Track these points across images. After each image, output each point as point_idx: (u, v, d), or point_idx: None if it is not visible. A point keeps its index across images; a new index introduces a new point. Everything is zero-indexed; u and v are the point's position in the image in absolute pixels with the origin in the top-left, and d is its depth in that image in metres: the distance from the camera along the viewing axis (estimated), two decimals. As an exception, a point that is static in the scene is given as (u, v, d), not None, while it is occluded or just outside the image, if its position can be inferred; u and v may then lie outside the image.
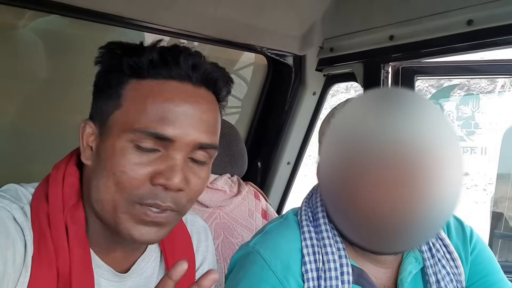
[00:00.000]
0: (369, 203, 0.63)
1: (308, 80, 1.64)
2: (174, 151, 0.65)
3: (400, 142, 0.59)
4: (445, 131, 0.60)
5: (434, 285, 0.84)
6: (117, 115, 0.67)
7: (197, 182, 0.69)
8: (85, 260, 0.67)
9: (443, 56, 1.31)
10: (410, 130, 0.59)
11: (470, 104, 7.79)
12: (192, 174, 0.68)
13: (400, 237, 0.63)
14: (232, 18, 1.35)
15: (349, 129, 0.64)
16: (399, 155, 0.59)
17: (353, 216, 0.69)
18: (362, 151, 0.61)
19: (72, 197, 0.69)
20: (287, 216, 0.92)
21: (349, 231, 0.77)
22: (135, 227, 0.66)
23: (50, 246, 0.64)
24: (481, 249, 0.93)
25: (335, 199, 0.72)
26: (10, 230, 0.62)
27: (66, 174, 0.70)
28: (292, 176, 1.83)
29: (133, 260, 0.76)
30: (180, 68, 0.67)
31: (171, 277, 0.56)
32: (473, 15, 1.12)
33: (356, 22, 1.42)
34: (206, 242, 0.90)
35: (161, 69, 0.67)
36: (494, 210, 2.93)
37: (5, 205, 0.65)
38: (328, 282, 0.78)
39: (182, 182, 0.65)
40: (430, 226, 0.62)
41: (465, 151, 7.62)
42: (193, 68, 0.68)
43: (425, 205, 0.58)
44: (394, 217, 0.62)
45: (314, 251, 0.82)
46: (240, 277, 0.82)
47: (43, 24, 1.29)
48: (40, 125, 1.37)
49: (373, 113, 0.63)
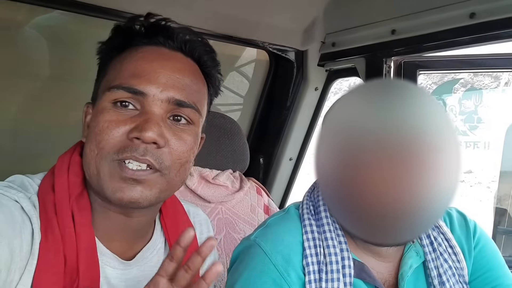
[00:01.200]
0: (367, 194, 0.63)
1: (310, 75, 1.64)
2: (149, 106, 0.67)
3: (395, 132, 0.59)
4: (441, 121, 0.60)
5: (436, 279, 0.84)
6: (102, 83, 0.72)
7: (178, 142, 0.69)
8: (91, 247, 0.67)
9: (446, 50, 1.30)
10: (406, 120, 0.59)
11: (473, 98, 7.75)
12: (172, 133, 0.69)
13: (399, 228, 0.63)
14: (234, 13, 1.35)
15: (344, 120, 0.64)
16: (394, 144, 0.59)
17: (352, 208, 0.69)
18: (357, 141, 0.61)
19: (77, 186, 0.70)
20: (289, 209, 0.92)
21: (349, 224, 0.77)
22: (118, 186, 0.66)
23: (57, 234, 0.65)
24: (485, 244, 0.92)
25: (333, 193, 0.72)
26: (17, 219, 0.62)
27: (71, 163, 0.72)
28: (294, 172, 1.83)
29: (138, 249, 0.77)
30: (156, 35, 0.72)
31: (179, 244, 0.58)
32: (476, 8, 1.11)
33: (358, 17, 1.42)
34: (208, 234, 0.91)
35: (139, 37, 0.73)
36: (498, 206, 2.92)
37: (13, 195, 0.65)
38: (330, 275, 0.78)
39: (158, 136, 0.66)
40: (428, 215, 0.62)
41: (468, 145, 7.59)
42: (169, 35, 0.73)
43: (423, 194, 0.58)
44: (392, 207, 0.62)
45: (315, 244, 0.82)
46: (242, 270, 0.82)
47: (43, 20, 1.29)
48: (44, 121, 1.38)
49: (368, 103, 0.63)
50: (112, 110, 0.67)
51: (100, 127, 0.66)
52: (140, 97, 0.67)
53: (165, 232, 0.82)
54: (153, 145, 0.66)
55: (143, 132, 0.64)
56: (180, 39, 0.74)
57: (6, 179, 0.71)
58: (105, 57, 0.75)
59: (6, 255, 0.58)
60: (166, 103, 0.68)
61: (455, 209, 0.98)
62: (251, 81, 1.81)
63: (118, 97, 0.67)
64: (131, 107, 0.68)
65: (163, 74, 0.69)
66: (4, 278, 0.58)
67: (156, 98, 0.67)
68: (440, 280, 0.84)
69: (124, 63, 0.71)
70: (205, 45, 0.78)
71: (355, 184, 0.64)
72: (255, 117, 1.81)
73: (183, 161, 0.71)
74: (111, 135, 0.66)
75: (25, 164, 1.32)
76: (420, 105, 0.61)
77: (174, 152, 0.69)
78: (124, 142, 0.66)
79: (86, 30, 1.32)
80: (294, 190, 1.86)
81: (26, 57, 1.30)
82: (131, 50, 0.72)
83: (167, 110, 0.69)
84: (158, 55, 0.72)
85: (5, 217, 0.61)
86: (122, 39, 0.74)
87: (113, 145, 0.66)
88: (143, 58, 0.70)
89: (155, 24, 0.74)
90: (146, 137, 0.64)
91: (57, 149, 0.78)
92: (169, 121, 0.70)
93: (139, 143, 0.65)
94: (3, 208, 0.62)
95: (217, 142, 1.41)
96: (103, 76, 0.74)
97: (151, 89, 0.67)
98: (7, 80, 1.26)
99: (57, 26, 1.32)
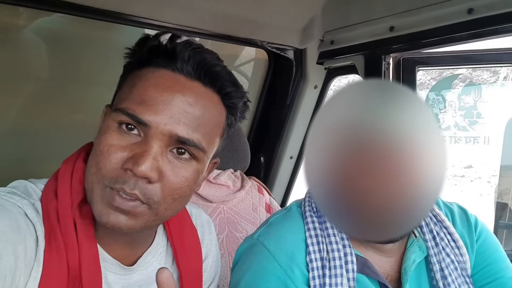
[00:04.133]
0: (356, 192, 0.63)
1: (309, 73, 1.64)
2: (151, 138, 0.64)
3: (381, 129, 0.60)
4: (425, 118, 0.61)
5: (438, 273, 0.84)
6: (116, 95, 0.71)
7: (174, 178, 0.66)
8: (93, 254, 0.67)
9: (444, 46, 1.30)
10: (390, 117, 0.60)
11: (472, 93, 7.76)
12: (170, 168, 0.66)
13: (392, 224, 0.64)
14: (232, 13, 1.35)
15: (330, 120, 0.64)
16: (380, 142, 0.59)
17: (343, 208, 0.68)
18: (344, 141, 0.61)
19: (80, 193, 0.69)
20: (291, 208, 0.92)
21: (342, 224, 0.75)
22: (105, 211, 0.65)
23: (60, 242, 0.65)
24: (486, 237, 0.93)
25: (326, 201, 0.70)
26: (22, 225, 0.62)
27: (74, 170, 0.71)
28: (295, 170, 1.83)
29: (139, 254, 0.77)
30: (175, 58, 0.67)
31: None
32: (474, 4, 1.11)
33: (356, 14, 1.42)
34: (210, 235, 0.91)
35: (159, 57, 0.68)
36: (499, 201, 2.92)
37: (17, 201, 0.65)
38: (333, 271, 0.79)
39: (151, 172, 0.63)
40: (417, 210, 0.63)
41: (468, 141, 7.59)
42: (187, 59, 0.67)
43: (410, 188, 0.59)
44: (381, 203, 0.62)
45: (318, 241, 0.83)
46: (245, 269, 0.83)
47: (44, 23, 1.29)
48: (46, 124, 1.38)
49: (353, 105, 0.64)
50: (116, 133, 0.65)
51: (101, 148, 0.65)
52: (143, 127, 0.65)
53: (169, 235, 0.81)
54: (144, 180, 0.64)
55: (135, 166, 0.62)
56: (201, 69, 0.68)
57: (9, 184, 0.71)
58: (127, 66, 0.72)
59: (11, 262, 0.58)
60: (168, 137, 0.65)
61: (456, 205, 0.99)
62: (251, 80, 1.81)
63: (122, 121, 0.65)
64: (136, 132, 0.66)
65: (171, 106, 0.65)
66: (9, 284, 0.58)
67: (159, 132, 0.64)
68: (443, 274, 0.84)
69: (136, 85, 0.67)
70: (229, 74, 0.73)
71: (344, 183, 0.64)
72: (255, 116, 1.81)
73: (175, 197, 0.68)
74: (109, 160, 0.64)
75: (27, 168, 1.32)
76: (405, 105, 0.62)
77: (167, 188, 0.66)
78: (118, 171, 0.64)
79: (86, 32, 1.32)
80: (295, 188, 1.87)
81: (26, 61, 1.30)
82: (147, 71, 0.68)
83: (169, 144, 0.66)
84: (173, 84, 0.67)
85: (10, 223, 0.61)
86: (145, 56, 0.69)
87: (109, 171, 0.64)
88: (155, 85, 0.66)
89: (175, 44, 0.68)
90: (138, 172, 0.62)
91: (60, 153, 0.78)
92: (171, 154, 0.67)
93: (131, 176, 0.63)
94: (9, 214, 0.62)
95: (218, 142, 1.41)
96: (119, 87, 0.72)
97: (154, 121, 0.64)
98: (8, 83, 1.26)
99: (56, 29, 1.32)
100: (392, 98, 0.64)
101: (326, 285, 0.78)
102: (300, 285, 0.79)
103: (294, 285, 0.79)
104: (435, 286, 0.84)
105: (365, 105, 0.63)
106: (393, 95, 0.64)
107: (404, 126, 0.60)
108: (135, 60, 0.71)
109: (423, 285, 0.86)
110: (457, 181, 8.21)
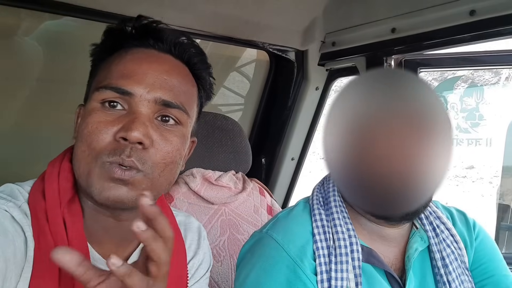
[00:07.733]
0: (372, 165, 0.69)
1: (311, 75, 1.64)
2: (136, 106, 0.68)
3: (398, 111, 0.68)
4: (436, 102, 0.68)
5: (439, 261, 0.88)
6: (92, 84, 0.74)
7: (164, 143, 0.70)
8: (84, 251, 0.67)
9: (446, 48, 1.30)
10: (407, 101, 0.68)
11: (474, 95, 7.74)
12: (158, 134, 0.70)
13: (400, 197, 0.70)
14: (234, 14, 1.35)
15: (352, 102, 0.70)
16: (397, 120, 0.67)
17: (359, 180, 0.73)
18: (364, 120, 0.68)
19: (68, 191, 0.70)
20: (298, 204, 0.96)
21: (355, 197, 0.81)
22: (106, 186, 0.66)
23: (50, 240, 0.65)
24: (484, 238, 0.97)
25: (341, 169, 0.76)
26: (8, 229, 0.63)
27: (61, 170, 0.72)
28: (296, 172, 1.83)
29: (129, 252, 0.77)
30: (145, 35, 0.74)
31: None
32: (476, 5, 1.11)
33: (358, 15, 1.42)
34: (198, 241, 0.91)
35: (130, 38, 0.74)
36: (501, 202, 2.91)
37: (2, 205, 0.65)
38: (339, 258, 0.82)
39: (144, 136, 0.66)
40: (426, 186, 0.70)
41: (470, 143, 7.58)
42: (159, 37, 0.74)
43: (422, 164, 0.67)
44: (395, 175, 0.68)
45: (324, 231, 0.86)
46: (254, 261, 0.85)
47: (43, 24, 1.29)
48: (35, 127, 1.38)
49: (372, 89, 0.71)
50: (101, 111, 0.68)
51: (89, 128, 0.67)
52: (127, 97, 0.68)
53: None
54: (138, 146, 0.66)
55: (129, 132, 0.65)
56: (170, 41, 0.75)
57: None
58: (97, 59, 0.77)
59: (1, 264, 0.58)
60: (153, 103, 0.69)
61: (454, 208, 1.03)
62: (252, 81, 1.81)
63: (106, 97, 0.68)
64: (119, 107, 0.69)
65: (150, 75, 0.70)
66: (1, 286, 0.58)
67: (143, 99, 0.68)
68: (444, 263, 0.88)
69: (113, 64, 0.72)
70: (195, 47, 0.79)
71: (363, 157, 0.70)
72: (256, 118, 1.81)
73: (167, 161, 0.71)
74: (101, 137, 0.67)
75: (15, 171, 1.31)
76: (418, 89, 0.69)
77: (159, 153, 0.69)
78: (112, 143, 0.66)
79: (83, 33, 1.32)
80: (296, 190, 1.87)
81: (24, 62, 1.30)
82: (120, 52, 0.74)
83: (154, 110, 0.70)
84: (147, 56, 0.73)
85: None
86: (113, 41, 0.75)
87: (103, 147, 0.66)
88: (132, 60, 0.72)
89: (145, 26, 0.75)
90: (132, 137, 0.65)
91: (49, 155, 0.78)
92: (157, 121, 0.70)
93: (126, 144, 0.66)
94: None
95: (219, 144, 1.41)
96: (93, 77, 0.75)
97: (138, 90, 0.68)
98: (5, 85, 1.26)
99: (53, 30, 1.32)
100: (405, 80, 0.72)
101: (332, 271, 0.81)
102: (309, 275, 0.82)
103: (305, 274, 0.81)
104: (437, 274, 0.88)
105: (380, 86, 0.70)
106: (407, 78, 0.73)
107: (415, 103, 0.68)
108: (104, 49, 0.75)
109: (426, 273, 0.90)
110: (458, 182, 8.20)
